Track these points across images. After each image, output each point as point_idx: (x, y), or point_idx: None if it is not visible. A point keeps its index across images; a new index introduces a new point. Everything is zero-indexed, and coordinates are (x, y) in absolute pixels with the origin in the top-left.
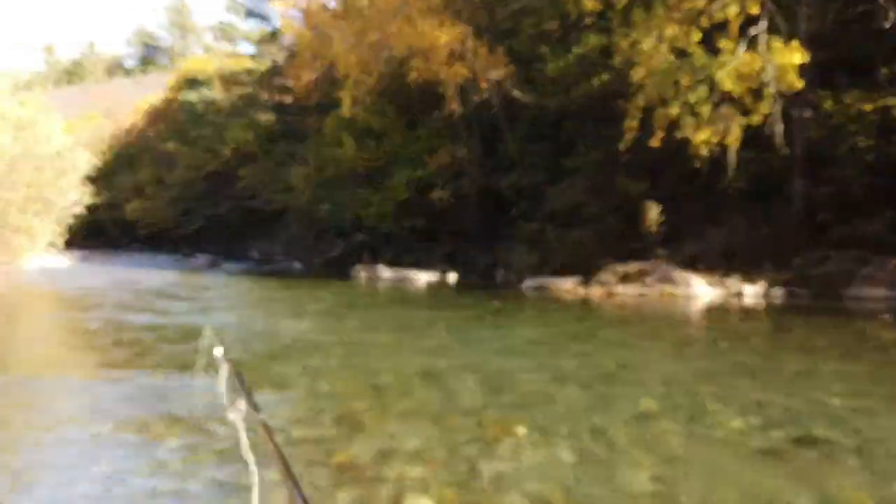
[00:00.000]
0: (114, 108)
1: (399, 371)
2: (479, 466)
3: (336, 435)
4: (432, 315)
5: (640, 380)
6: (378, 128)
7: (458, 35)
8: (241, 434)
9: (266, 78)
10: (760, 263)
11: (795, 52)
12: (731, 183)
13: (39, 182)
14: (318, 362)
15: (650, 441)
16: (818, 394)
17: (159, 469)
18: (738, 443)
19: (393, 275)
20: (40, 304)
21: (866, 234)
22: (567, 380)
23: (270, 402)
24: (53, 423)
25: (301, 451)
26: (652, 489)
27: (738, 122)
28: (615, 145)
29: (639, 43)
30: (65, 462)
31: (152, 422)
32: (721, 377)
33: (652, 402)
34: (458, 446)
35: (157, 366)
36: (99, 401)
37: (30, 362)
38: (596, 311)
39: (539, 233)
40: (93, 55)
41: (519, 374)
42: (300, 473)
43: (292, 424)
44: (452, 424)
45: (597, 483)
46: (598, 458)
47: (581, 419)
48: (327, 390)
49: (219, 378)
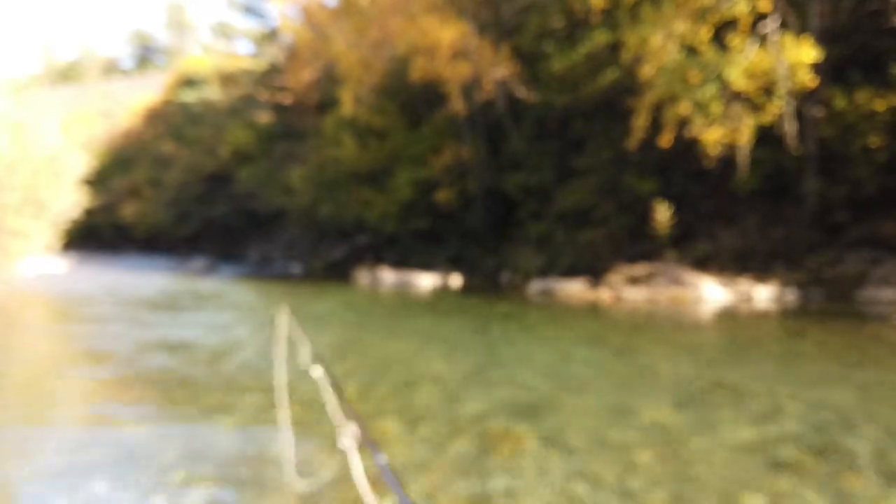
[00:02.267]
0: (110, 109)
1: (407, 381)
2: (492, 480)
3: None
4: (436, 322)
5: (653, 388)
6: (380, 127)
7: (461, 32)
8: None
9: (265, 77)
10: (773, 264)
11: (808, 49)
12: (743, 182)
13: (35, 185)
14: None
15: (666, 452)
16: (835, 400)
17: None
18: (756, 452)
19: (395, 278)
20: (39, 316)
21: (880, 235)
22: (579, 389)
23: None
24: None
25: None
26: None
27: (750, 120)
28: (624, 144)
29: (647, 39)
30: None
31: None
32: (736, 385)
33: (667, 411)
34: (469, 456)
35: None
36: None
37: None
38: (605, 315)
39: (547, 234)
40: (89, 56)
41: (530, 383)
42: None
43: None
44: (465, 433)
45: (614, 497)
46: (614, 471)
47: (595, 429)
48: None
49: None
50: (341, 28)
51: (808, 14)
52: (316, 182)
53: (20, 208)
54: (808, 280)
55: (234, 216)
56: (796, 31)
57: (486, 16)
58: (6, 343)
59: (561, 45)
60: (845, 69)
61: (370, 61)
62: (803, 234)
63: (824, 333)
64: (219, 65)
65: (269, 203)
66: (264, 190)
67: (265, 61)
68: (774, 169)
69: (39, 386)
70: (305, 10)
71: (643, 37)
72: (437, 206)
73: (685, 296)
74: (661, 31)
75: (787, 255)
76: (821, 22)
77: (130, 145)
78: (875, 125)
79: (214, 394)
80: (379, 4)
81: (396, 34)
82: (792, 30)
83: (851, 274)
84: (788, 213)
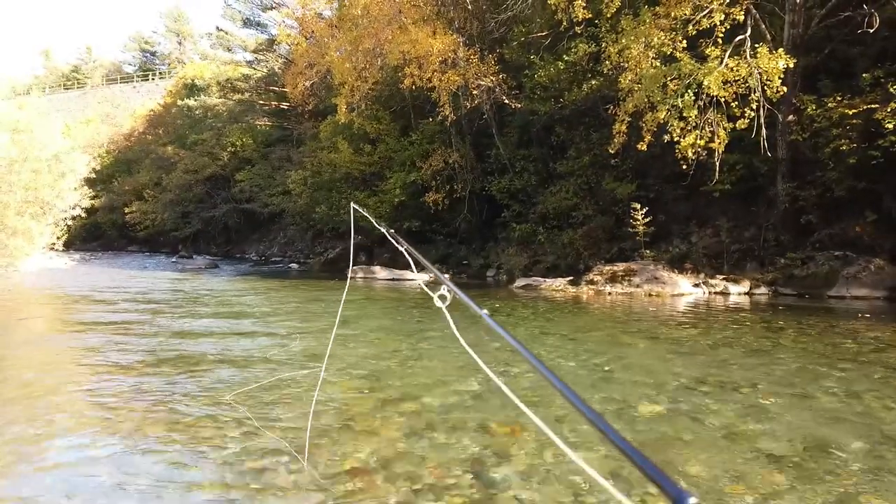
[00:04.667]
0: (112, 113)
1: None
2: (490, 472)
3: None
4: (426, 315)
5: (640, 381)
6: (373, 133)
7: (450, 43)
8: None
9: (263, 85)
10: (745, 264)
11: (780, 58)
12: (717, 185)
13: (37, 185)
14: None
15: (655, 444)
16: (817, 393)
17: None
18: (746, 445)
19: (389, 275)
20: (45, 318)
21: (848, 236)
22: (567, 381)
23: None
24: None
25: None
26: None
27: (725, 126)
28: (603, 149)
29: (627, 49)
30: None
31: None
32: (719, 376)
33: (655, 404)
34: (468, 451)
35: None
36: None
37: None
38: (586, 309)
39: (530, 234)
40: (91, 60)
41: (517, 375)
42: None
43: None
44: (457, 429)
45: (604, 492)
46: (604, 466)
47: (584, 421)
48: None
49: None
50: (336, 39)
51: (780, 24)
52: (312, 185)
53: (21, 208)
54: (780, 278)
55: (233, 217)
56: (769, 41)
57: (474, 28)
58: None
59: (544, 56)
60: (816, 76)
61: (364, 70)
62: (775, 234)
63: (799, 326)
64: (219, 72)
65: (267, 204)
66: (262, 191)
67: (263, 69)
68: (747, 172)
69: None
70: (302, 21)
71: (623, 46)
72: (427, 208)
73: (662, 293)
74: (640, 42)
75: (758, 255)
76: (792, 30)
77: (132, 148)
78: (845, 130)
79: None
80: (373, 16)
81: (389, 44)
82: (765, 39)
83: (822, 273)
84: (761, 215)
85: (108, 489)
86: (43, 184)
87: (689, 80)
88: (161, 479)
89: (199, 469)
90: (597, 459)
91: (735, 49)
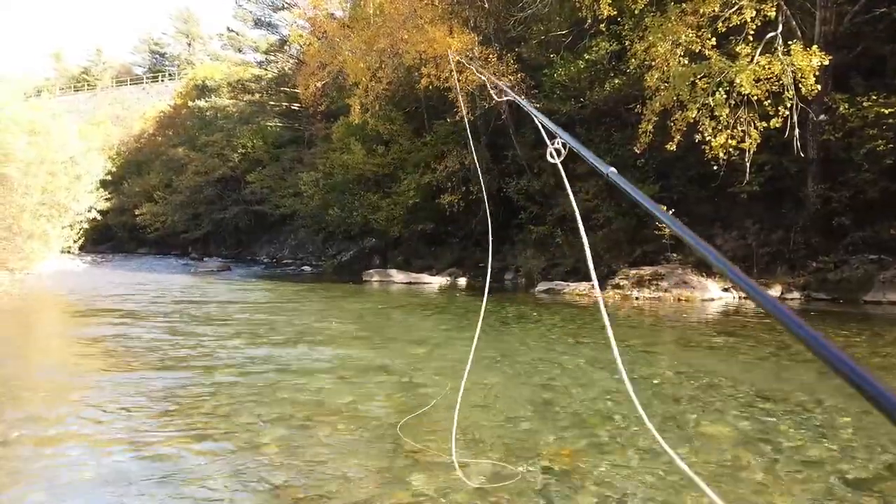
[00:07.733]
0: (122, 115)
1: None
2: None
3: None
4: (455, 319)
5: (691, 395)
6: (386, 134)
7: (467, 42)
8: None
9: (274, 86)
10: (775, 268)
11: (814, 55)
12: (745, 186)
13: (53, 187)
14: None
15: (726, 471)
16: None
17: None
18: (827, 476)
19: (405, 278)
20: (74, 329)
21: (883, 239)
22: (620, 398)
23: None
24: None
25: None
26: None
27: (757, 125)
28: (625, 149)
29: (654, 47)
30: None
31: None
32: (779, 391)
33: (720, 425)
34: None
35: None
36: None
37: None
38: (615, 316)
39: (547, 236)
40: (100, 62)
41: (569, 389)
42: None
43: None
44: (512, 448)
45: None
46: (669, 488)
47: (645, 441)
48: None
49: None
50: (349, 39)
51: (812, 20)
52: (324, 186)
53: (37, 210)
54: (813, 283)
55: (245, 218)
56: (801, 38)
57: (491, 27)
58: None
59: (563, 55)
60: (849, 74)
61: (378, 70)
62: (806, 237)
63: (836, 336)
64: (230, 73)
65: (279, 206)
66: (273, 193)
67: (275, 70)
68: (776, 172)
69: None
70: (314, 21)
71: (650, 44)
72: (442, 210)
73: (691, 298)
74: (667, 40)
75: (788, 259)
76: (824, 27)
77: (143, 149)
78: (880, 130)
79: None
80: (387, 16)
81: (404, 44)
82: (797, 36)
83: (856, 277)
84: (790, 217)
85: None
86: (59, 186)
87: (719, 78)
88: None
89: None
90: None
91: (766, 46)
